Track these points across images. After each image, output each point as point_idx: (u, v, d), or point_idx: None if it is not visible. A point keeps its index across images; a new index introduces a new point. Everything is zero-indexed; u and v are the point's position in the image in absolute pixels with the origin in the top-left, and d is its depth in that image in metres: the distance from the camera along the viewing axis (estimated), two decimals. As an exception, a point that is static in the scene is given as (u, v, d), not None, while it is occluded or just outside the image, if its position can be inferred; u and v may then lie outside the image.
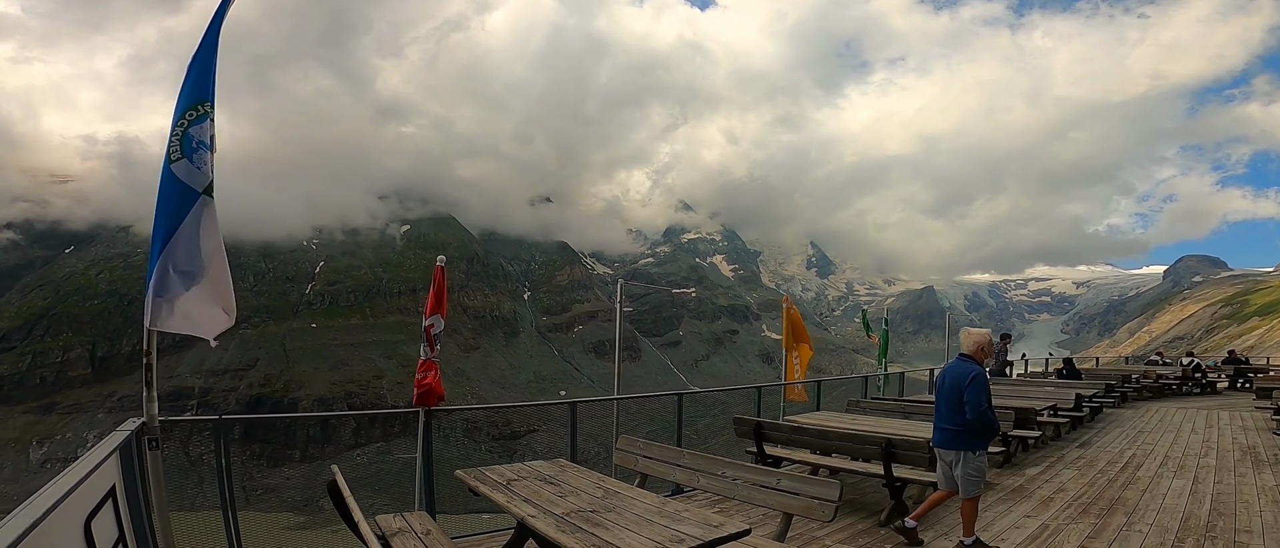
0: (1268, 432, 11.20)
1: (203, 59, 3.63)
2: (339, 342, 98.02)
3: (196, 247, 3.59)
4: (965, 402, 5.07)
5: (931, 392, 10.80)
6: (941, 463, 5.37)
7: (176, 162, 3.52)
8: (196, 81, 3.60)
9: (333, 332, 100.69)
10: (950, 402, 5.21)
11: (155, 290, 3.51)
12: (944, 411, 5.29)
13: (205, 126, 3.57)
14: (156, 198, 3.53)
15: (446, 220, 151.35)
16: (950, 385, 5.24)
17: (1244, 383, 20.61)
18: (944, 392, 5.30)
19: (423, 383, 5.73)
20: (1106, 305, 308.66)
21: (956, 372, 5.27)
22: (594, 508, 3.71)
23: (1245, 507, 6.35)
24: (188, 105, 3.56)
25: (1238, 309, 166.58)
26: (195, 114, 3.56)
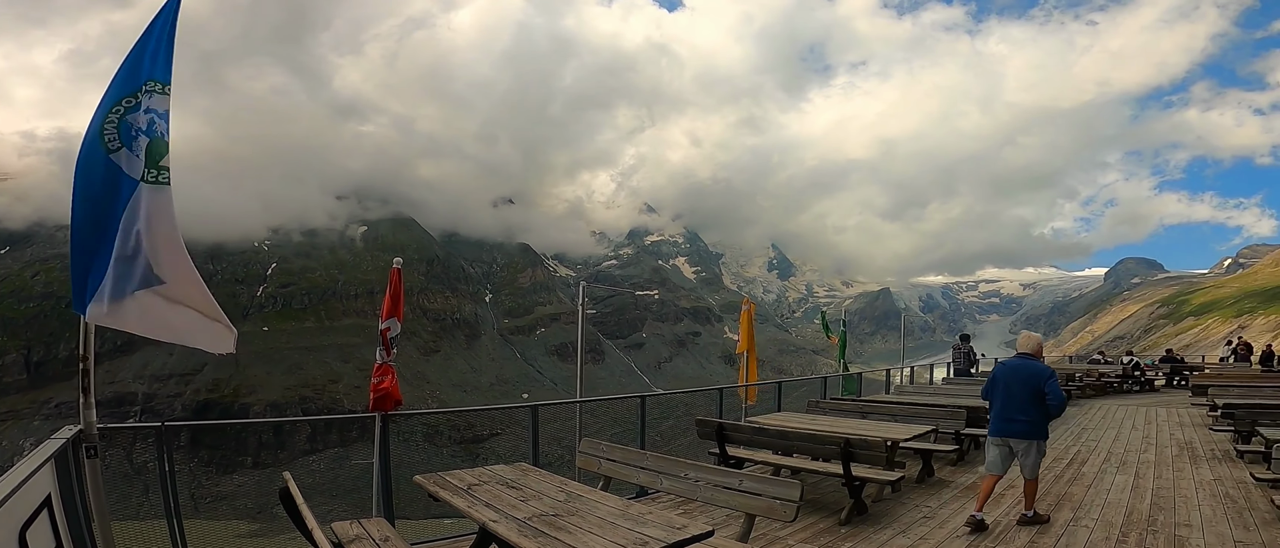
0: (1203, 428, 11.77)
1: (151, 44, 3.52)
2: (292, 345, 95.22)
3: (157, 238, 3.46)
4: (1048, 394, 5.71)
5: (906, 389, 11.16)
6: (1000, 449, 5.98)
7: (116, 151, 3.37)
8: (134, 68, 3.47)
9: (286, 335, 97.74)
10: (1027, 394, 5.80)
11: (114, 288, 3.33)
12: (1018, 403, 5.84)
13: (138, 116, 3.43)
14: (85, 189, 3.37)
15: (406, 222, 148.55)
16: (1024, 380, 5.84)
17: (1180, 381, 21.65)
18: (1015, 386, 5.89)
19: (379, 387, 5.62)
20: (1051, 306, 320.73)
21: (1027, 369, 5.90)
22: (557, 512, 3.68)
23: (1184, 501, 6.65)
24: (125, 93, 3.42)
25: (1174, 310, 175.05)
26: (131, 102, 3.42)
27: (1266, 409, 8.77)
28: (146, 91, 3.48)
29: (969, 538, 5.53)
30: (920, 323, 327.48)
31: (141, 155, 3.43)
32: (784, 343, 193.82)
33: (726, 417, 9.74)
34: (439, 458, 73.92)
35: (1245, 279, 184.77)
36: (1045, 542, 5.40)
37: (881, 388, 18.92)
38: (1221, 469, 8.17)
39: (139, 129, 3.43)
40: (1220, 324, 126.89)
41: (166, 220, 3.51)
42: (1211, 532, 5.57)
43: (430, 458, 73.06)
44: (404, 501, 5.82)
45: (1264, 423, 7.71)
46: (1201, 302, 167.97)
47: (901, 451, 7.33)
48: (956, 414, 8.86)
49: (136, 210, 3.41)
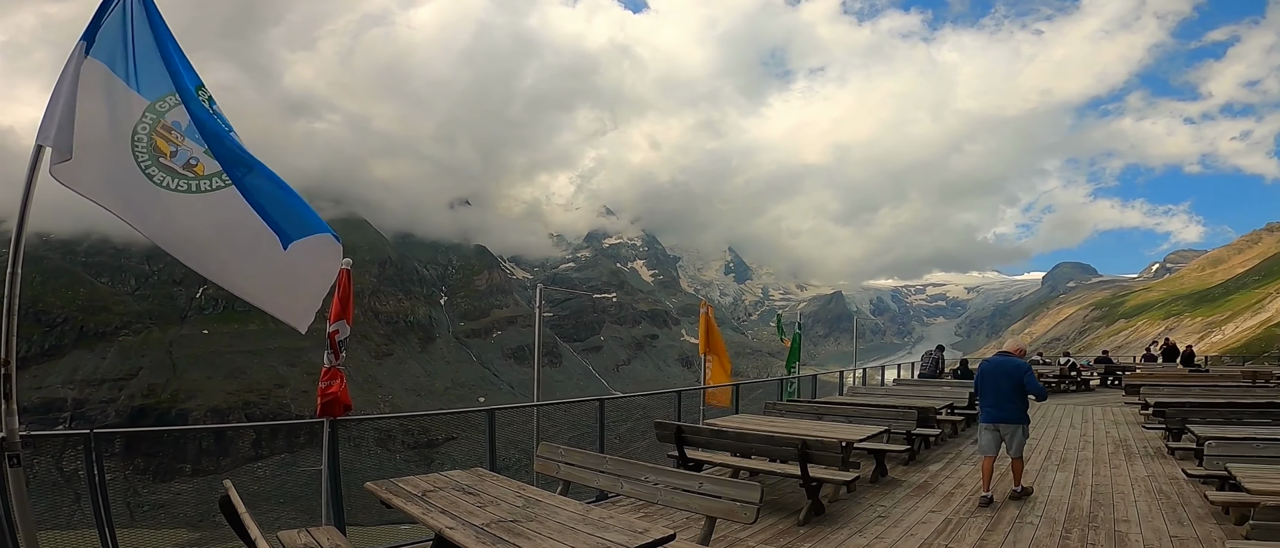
0: (1136, 426, 12.32)
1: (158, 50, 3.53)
2: (235, 349, 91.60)
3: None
4: (1027, 385, 6.88)
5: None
6: (991, 434, 7.04)
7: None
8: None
9: (227, 338, 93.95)
10: (1010, 387, 6.90)
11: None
12: (1005, 394, 6.93)
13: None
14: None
15: (357, 222, 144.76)
16: (1007, 374, 6.96)
17: (1114, 381, 22.69)
18: (1000, 380, 6.98)
19: (327, 392, 5.42)
20: (993, 309, 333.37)
21: (1008, 365, 7.04)
22: (515, 518, 3.59)
23: (1121, 497, 6.93)
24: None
25: (1107, 313, 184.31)
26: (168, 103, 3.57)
27: (1196, 408, 9.24)
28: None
29: (923, 535, 5.65)
30: (871, 326, 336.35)
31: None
32: (741, 346, 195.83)
33: (685, 419, 9.76)
34: (392, 464, 72.24)
35: (1172, 283, 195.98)
36: (994, 539, 5.55)
37: (834, 389, 19.29)
38: (1155, 466, 8.57)
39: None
40: (1149, 326, 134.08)
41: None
42: (1148, 527, 5.81)
43: (383, 464, 71.33)
44: (356, 507, 5.63)
45: (1193, 421, 8.11)
46: (1132, 305, 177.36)
47: (856, 451, 7.45)
48: (908, 415, 9.07)
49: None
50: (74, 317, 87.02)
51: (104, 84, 3.41)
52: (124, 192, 3.47)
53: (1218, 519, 5.93)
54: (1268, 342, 63.80)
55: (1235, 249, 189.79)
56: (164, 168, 3.57)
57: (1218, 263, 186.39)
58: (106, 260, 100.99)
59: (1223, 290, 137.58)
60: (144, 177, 3.49)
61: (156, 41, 3.58)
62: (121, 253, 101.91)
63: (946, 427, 10.98)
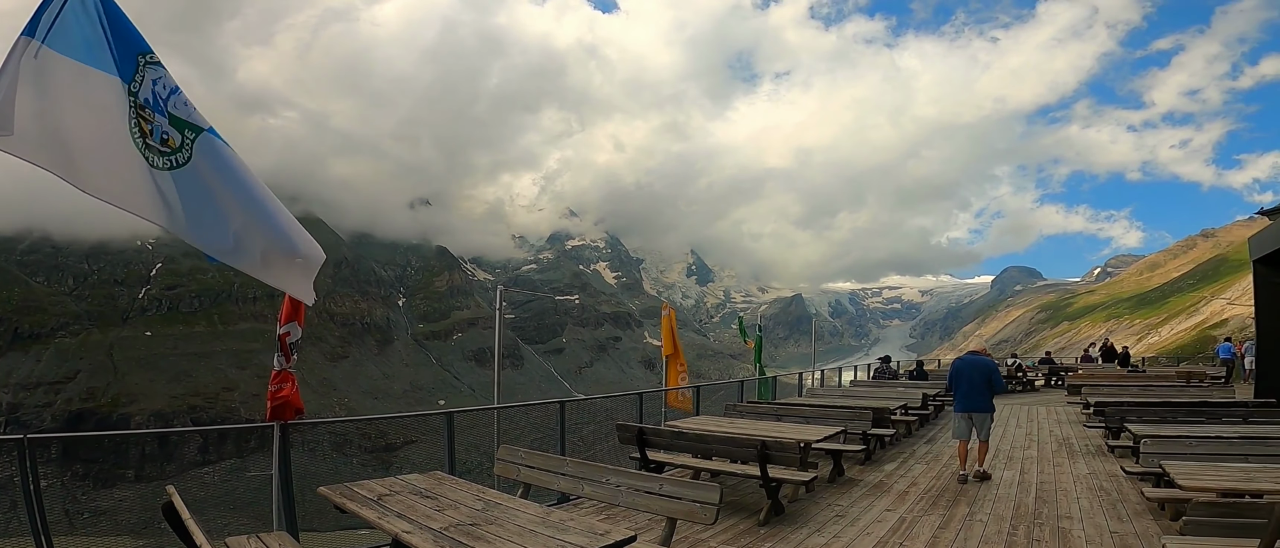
0: (1078, 425, 12.81)
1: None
2: (180, 351, 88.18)
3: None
4: (993, 380, 8.14)
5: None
6: (966, 421, 8.04)
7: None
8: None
9: (172, 340, 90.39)
10: (981, 381, 8.08)
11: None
12: (978, 387, 8.06)
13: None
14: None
15: (312, 222, 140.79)
16: (979, 370, 8.15)
17: (1057, 381, 23.57)
18: (973, 375, 8.13)
19: (278, 395, 5.26)
20: (946, 312, 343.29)
21: (979, 363, 8.26)
22: (474, 521, 3.55)
23: (1064, 495, 7.18)
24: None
25: (1051, 315, 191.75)
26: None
27: (1133, 407, 9.65)
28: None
29: (879, 533, 5.78)
30: (830, 328, 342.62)
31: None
32: (703, 348, 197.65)
33: (647, 421, 9.78)
34: (349, 468, 70.51)
35: (1113, 287, 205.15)
36: (946, 537, 5.70)
37: (794, 391, 19.60)
38: (1095, 464, 8.93)
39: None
40: (1091, 328, 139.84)
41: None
42: (1090, 523, 6.03)
43: (339, 468, 69.55)
44: (311, 513, 5.48)
45: (1131, 420, 8.46)
46: (1074, 308, 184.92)
47: (814, 451, 7.57)
48: (863, 415, 9.25)
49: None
50: (8, 318, 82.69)
51: (75, 75, 3.26)
52: (140, 188, 3.30)
53: (1154, 515, 6.18)
54: (1202, 343, 67.17)
55: (1171, 254, 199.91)
56: (152, 149, 3.42)
57: (1155, 267, 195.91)
58: (43, 259, 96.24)
59: (1160, 294, 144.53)
60: (144, 161, 3.34)
61: (111, 20, 3.42)
62: (60, 252, 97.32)
63: (901, 427, 11.24)
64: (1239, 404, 9.93)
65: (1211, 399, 10.93)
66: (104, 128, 3.21)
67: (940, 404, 14.98)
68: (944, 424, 13.41)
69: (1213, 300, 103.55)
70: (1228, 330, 50.69)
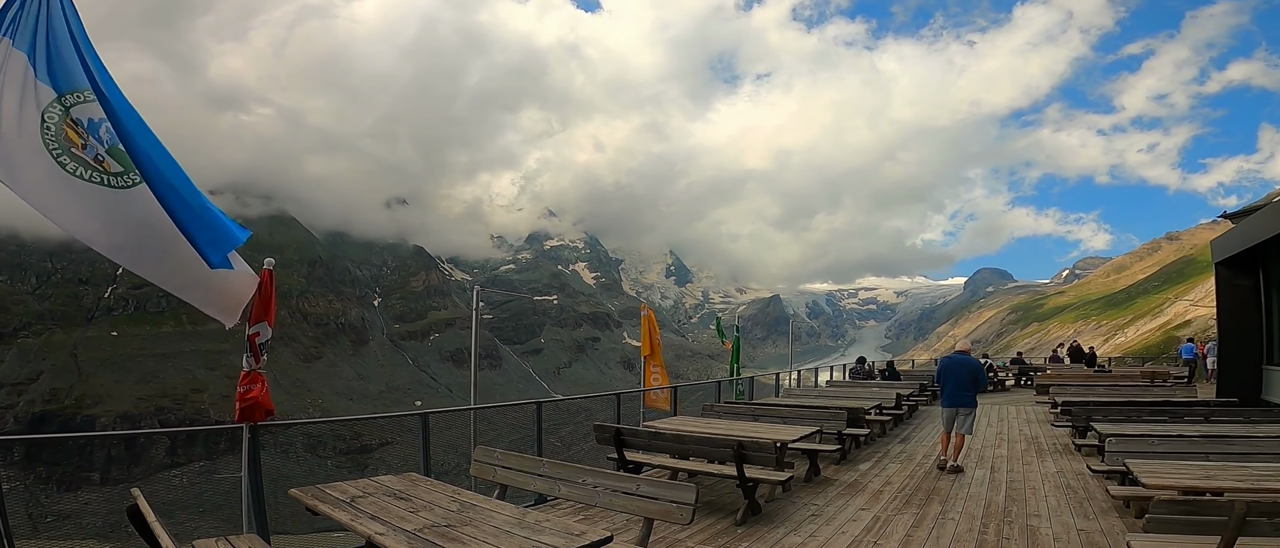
0: (1047, 424, 13.07)
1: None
2: (147, 352, 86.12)
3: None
4: (977, 377, 8.89)
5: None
6: (950, 415, 8.70)
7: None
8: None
9: (139, 341, 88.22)
10: (966, 378, 8.78)
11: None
12: (963, 383, 8.74)
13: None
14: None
15: (285, 221, 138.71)
16: (965, 368, 8.90)
17: (1027, 381, 24.06)
18: (959, 373, 8.85)
19: (246, 396, 5.16)
20: (920, 313, 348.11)
21: (966, 360, 9.08)
22: (449, 523, 3.52)
23: (1033, 493, 7.32)
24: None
25: (1022, 316, 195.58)
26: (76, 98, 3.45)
27: (1099, 406, 9.90)
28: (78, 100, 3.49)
29: (854, 533, 5.85)
30: (807, 329, 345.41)
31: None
32: (681, 348, 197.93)
33: (625, 421, 9.78)
34: (324, 470, 69.48)
35: (1080, 289, 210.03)
36: (919, 535, 5.78)
37: (771, 391, 19.73)
38: (1063, 462, 9.13)
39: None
40: (1059, 329, 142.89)
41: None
42: (1057, 521, 6.15)
43: (314, 470, 68.55)
44: (284, 516, 5.40)
45: (1097, 419, 8.65)
46: (1044, 309, 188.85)
47: (790, 451, 7.63)
48: (839, 415, 9.33)
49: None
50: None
51: (21, 73, 3.25)
52: (36, 178, 3.29)
53: (1120, 513, 6.32)
54: (1167, 344, 69.00)
55: (1138, 256, 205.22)
56: (76, 158, 3.41)
57: (1121, 269, 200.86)
58: (6, 258, 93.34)
59: (1126, 295, 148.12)
60: (56, 164, 3.32)
61: (71, 35, 3.41)
62: (23, 250, 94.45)
63: (875, 427, 11.38)
64: (1201, 404, 10.23)
65: (1174, 399, 11.25)
66: (18, 119, 3.28)
67: (914, 404, 15.22)
68: (918, 424, 13.64)
69: (1177, 302, 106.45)
70: (1192, 331, 52.13)
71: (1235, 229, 13.67)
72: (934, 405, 17.05)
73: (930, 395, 17.89)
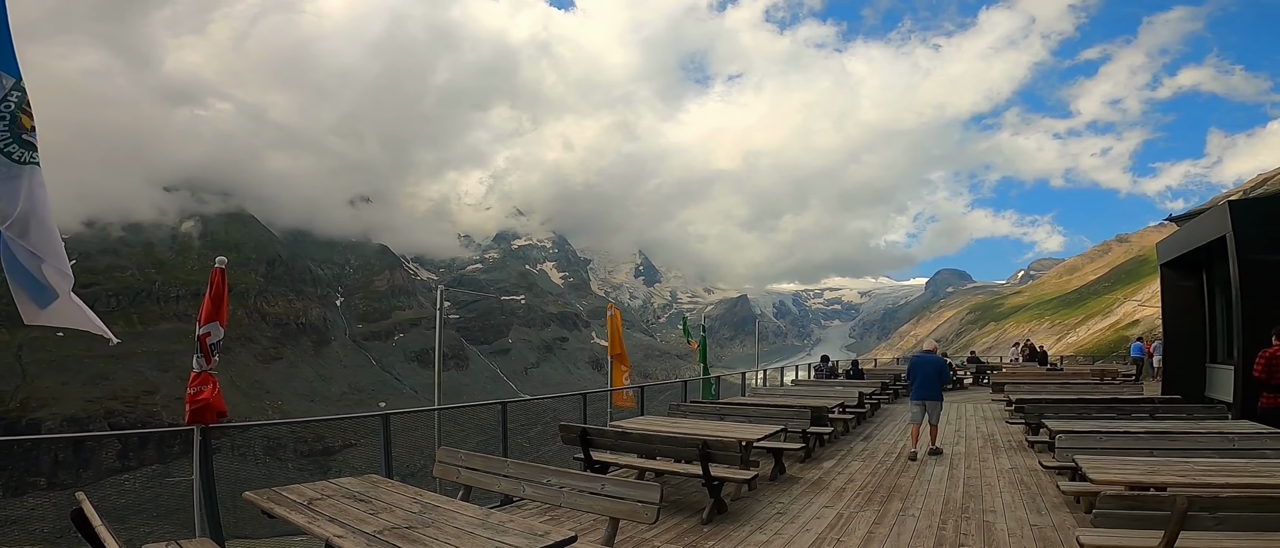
0: (1002, 421, 13.39)
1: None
2: (95, 353, 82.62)
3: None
4: (942, 373, 10.05)
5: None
6: (920, 407, 9.61)
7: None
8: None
9: (86, 341, 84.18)
10: (933, 374, 9.79)
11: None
12: (930, 379, 9.70)
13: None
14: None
15: (243, 218, 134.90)
16: (932, 365, 9.91)
17: (984, 379, 24.72)
18: (926, 369, 9.83)
19: (197, 398, 5.03)
20: (883, 313, 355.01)
21: (932, 359, 10.10)
22: (411, 524, 3.46)
23: (989, 489, 7.51)
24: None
25: (980, 316, 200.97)
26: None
27: (1051, 403, 10.19)
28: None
29: (818, 530, 5.94)
30: (774, 329, 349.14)
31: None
32: (649, 348, 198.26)
33: (593, 421, 9.76)
34: (284, 473, 67.87)
35: (1035, 289, 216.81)
36: (880, 532, 5.89)
37: (737, 390, 19.90)
38: (1017, 459, 9.39)
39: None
40: (1015, 328, 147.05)
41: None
42: (1012, 517, 6.32)
43: (274, 473, 66.93)
44: (242, 519, 5.25)
45: (1049, 416, 8.91)
46: (1001, 310, 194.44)
47: (755, 450, 7.70)
48: (803, 414, 9.44)
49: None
50: (-96, 318, 75.95)
51: None
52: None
53: (1071, 508, 6.50)
54: (1117, 343, 71.51)
55: (1089, 258, 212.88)
56: (23, 142, 3.30)
57: (1074, 270, 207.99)
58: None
59: (1078, 296, 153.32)
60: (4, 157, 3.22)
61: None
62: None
63: (839, 425, 11.56)
64: (1147, 401, 10.61)
65: (1122, 396, 11.64)
66: None
67: (876, 402, 15.52)
68: (881, 421, 13.90)
69: (1126, 302, 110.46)
70: (1140, 331, 54.17)
71: (1179, 232, 14.28)
72: (895, 404, 17.47)
73: (892, 395, 18.27)
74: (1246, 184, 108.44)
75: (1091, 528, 4.09)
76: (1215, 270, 12.93)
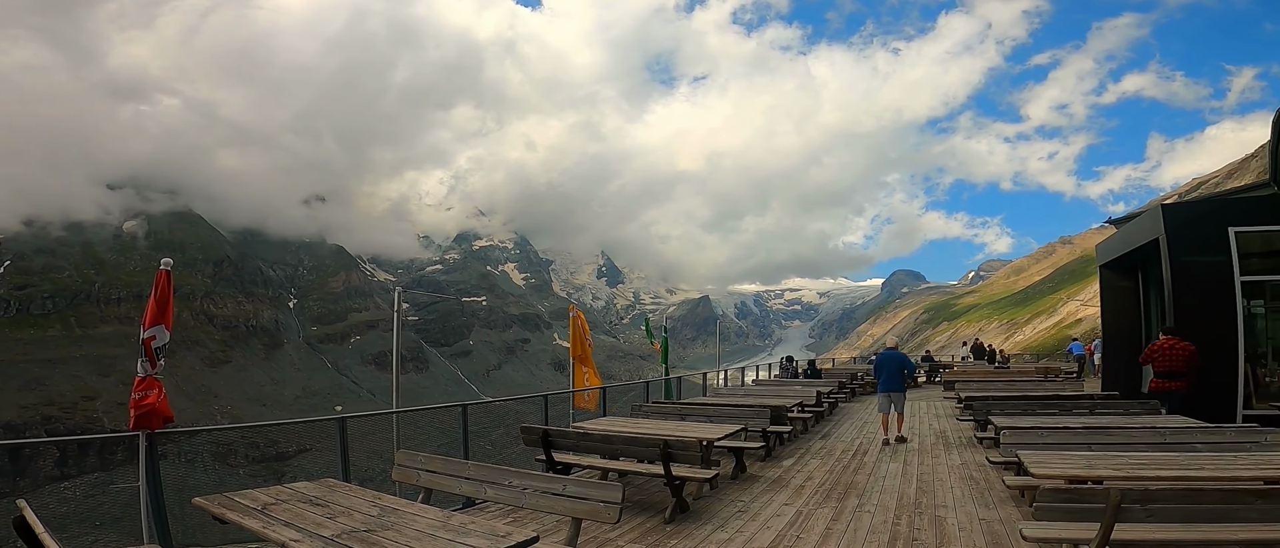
0: (952, 418, 13.82)
1: None
2: (30, 357, 78.77)
3: None
4: (905, 368, 11.40)
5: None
6: (887, 399, 10.76)
7: None
8: None
9: (21, 346, 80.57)
10: (897, 369, 11.00)
11: None
12: (895, 374, 10.90)
13: None
14: None
15: (189, 218, 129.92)
16: (897, 361, 11.20)
17: (935, 377, 25.47)
18: (892, 365, 11.03)
19: (142, 403, 4.86)
20: (841, 313, 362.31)
21: (896, 356, 11.43)
22: (369, 528, 3.42)
23: (941, 484, 7.73)
24: None
25: (933, 316, 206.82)
26: None
27: (998, 400, 10.55)
28: None
29: (778, 527, 6.05)
30: (736, 329, 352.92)
31: None
32: (612, 349, 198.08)
33: (556, 423, 9.73)
34: (236, 479, 65.64)
35: (985, 289, 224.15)
36: (838, 528, 6.03)
37: (698, 390, 20.06)
38: (967, 454, 9.71)
39: None
40: (967, 327, 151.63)
41: None
42: (961, 511, 6.53)
43: (224, 479, 64.62)
44: (193, 527, 5.09)
45: (995, 412, 9.23)
46: (953, 310, 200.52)
47: (716, 449, 7.77)
48: (763, 414, 9.59)
49: None
50: None
51: None
52: None
53: (1016, 502, 6.72)
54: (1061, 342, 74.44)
55: (1035, 259, 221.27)
56: None
57: (1020, 271, 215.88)
58: None
59: (1025, 296, 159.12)
60: None
61: None
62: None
63: (798, 424, 11.77)
64: (1087, 398, 11.09)
65: (1063, 393, 12.15)
66: None
67: (834, 401, 15.85)
68: (838, 420, 14.20)
69: (1069, 302, 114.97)
70: (1083, 329, 56.51)
71: (1117, 235, 14.95)
72: (852, 403, 17.88)
73: (849, 394, 18.69)
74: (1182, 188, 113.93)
75: (1034, 522, 4.20)
76: (1150, 271, 13.52)
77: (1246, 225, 10.14)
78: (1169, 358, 9.34)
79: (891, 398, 10.77)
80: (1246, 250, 10.20)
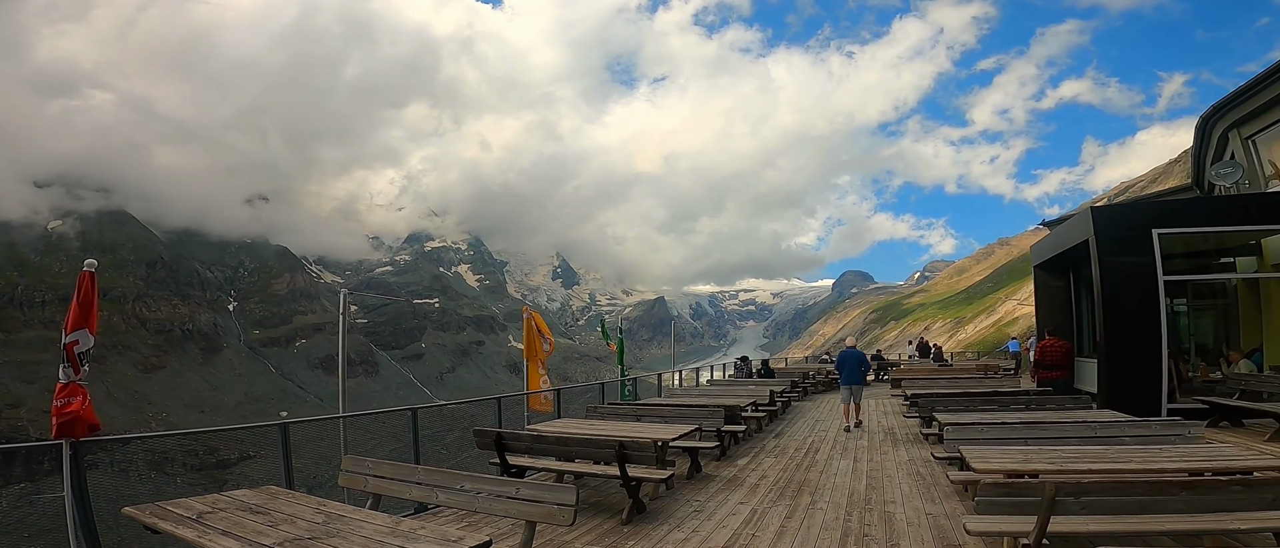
0: (900, 415, 14.18)
1: None
2: (-55, 365, 73.53)
3: None
4: (863, 365, 13.03)
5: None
6: (848, 391, 12.27)
7: None
8: None
9: (-65, 353, 75.13)
10: (857, 366, 12.48)
11: None
12: (855, 369, 12.36)
13: None
14: None
15: (119, 217, 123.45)
16: (857, 359, 12.61)
17: (883, 375, 26.18)
18: (853, 361, 12.43)
19: (65, 411, 4.61)
20: (794, 313, 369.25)
21: (857, 353, 12.86)
22: (314, 535, 3.31)
23: (889, 480, 7.91)
24: None
25: (882, 316, 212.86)
26: None
27: (941, 397, 10.90)
28: None
29: (734, 526, 6.12)
30: (691, 329, 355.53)
31: None
32: (569, 351, 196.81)
33: (510, 426, 9.60)
34: (173, 488, 62.46)
35: (930, 290, 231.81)
36: (792, 525, 6.12)
37: (654, 391, 20.12)
38: (914, 451, 9.97)
39: None
40: (914, 326, 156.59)
41: None
42: (909, 506, 6.70)
43: (161, 489, 61.53)
44: (128, 538, 4.84)
45: (939, 409, 9.52)
46: (900, 310, 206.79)
47: (671, 449, 7.81)
48: (717, 414, 9.65)
49: None
50: None
51: None
52: None
53: (960, 496, 6.94)
54: (1000, 339, 77.51)
55: (976, 260, 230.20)
56: None
57: (963, 272, 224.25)
58: None
59: (966, 296, 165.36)
60: None
61: None
62: None
63: (752, 423, 11.92)
64: (1024, 393, 11.57)
65: (1002, 389, 12.66)
66: None
67: (788, 400, 16.12)
68: (791, 418, 14.45)
69: (1007, 301, 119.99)
70: (1020, 328, 58.99)
71: (1049, 236, 15.68)
72: (804, 401, 18.23)
73: (801, 392, 19.05)
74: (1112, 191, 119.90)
75: (976, 516, 4.32)
76: (1081, 271, 14.21)
77: (1169, 227, 10.76)
78: (1051, 354, 12.04)
79: (852, 390, 12.25)
80: (1169, 251, 10.82)
